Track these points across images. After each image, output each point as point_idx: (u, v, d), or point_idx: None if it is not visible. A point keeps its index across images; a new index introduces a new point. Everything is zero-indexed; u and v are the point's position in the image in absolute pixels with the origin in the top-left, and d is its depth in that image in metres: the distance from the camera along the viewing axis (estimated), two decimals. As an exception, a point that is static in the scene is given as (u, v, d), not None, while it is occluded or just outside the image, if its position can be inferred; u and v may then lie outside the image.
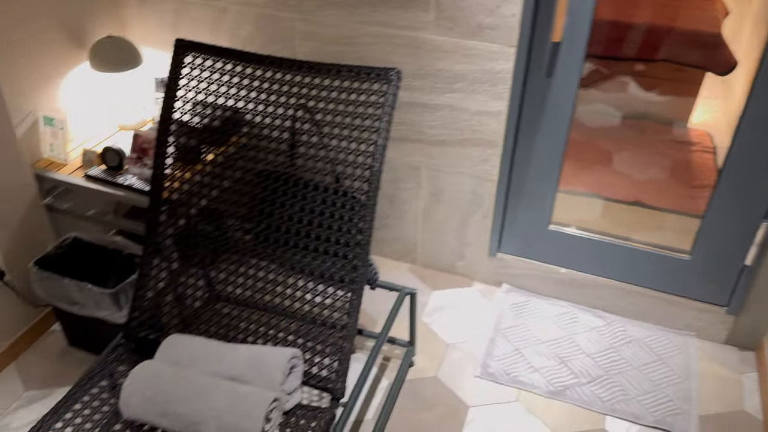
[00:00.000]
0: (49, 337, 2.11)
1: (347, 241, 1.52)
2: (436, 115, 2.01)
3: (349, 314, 1.53)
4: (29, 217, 1.98)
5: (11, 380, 1.96)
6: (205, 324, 1.64)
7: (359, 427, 1.82)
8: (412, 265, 2.42)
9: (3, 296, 1.95)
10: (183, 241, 1.68)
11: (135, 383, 1.42)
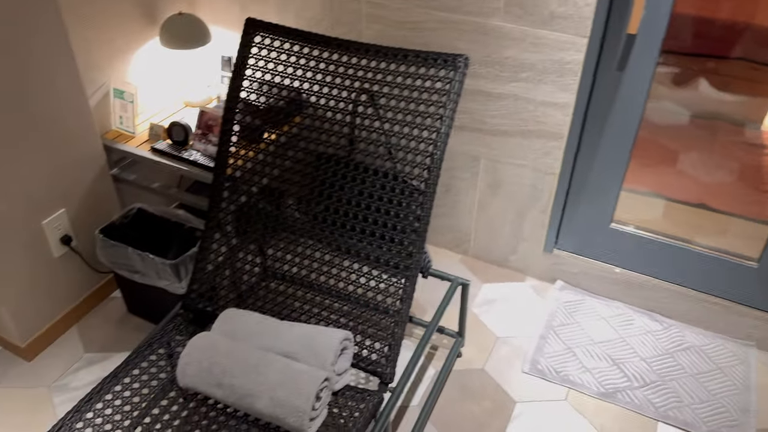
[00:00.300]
0: (109, 303, 2.20)
1: (404, 228, 1.52)
2: (499, 104, 1.98)
3: (402, 300, 1.53)
4: (97, 187, 2.06)
5: (72, 342, 2.05)
6: (260, 300, 1.67)
7: (404, 412, 1.83)
8: (463, 255, 2.40)
9: (69, 261, 2.03)
10: (241, 218, 1.71)
11: (192, 353, 1.46)
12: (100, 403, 1.43)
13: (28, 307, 1.93)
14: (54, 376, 1.93)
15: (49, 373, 1.94)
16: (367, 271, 1.59)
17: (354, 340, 1.55)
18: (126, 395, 1.46)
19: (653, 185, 2.59)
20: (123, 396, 1.45)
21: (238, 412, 1.44)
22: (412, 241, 1.51)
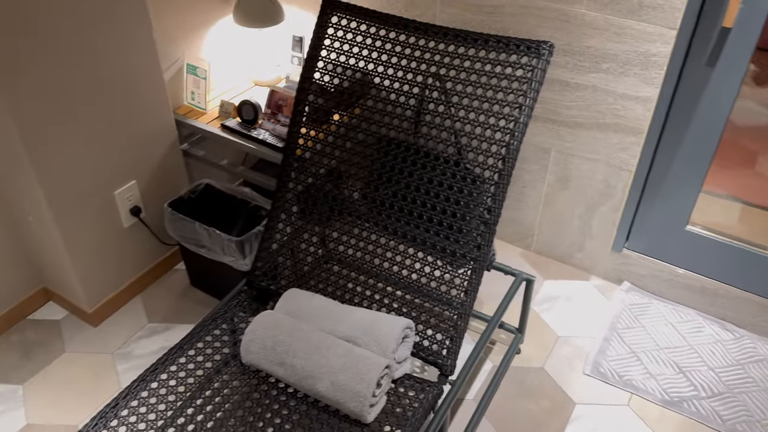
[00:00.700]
0: (173, 274, 2.24)
1: (473, 219, 1.48)
2: (576, 95, 1.91)
3: (467, 293, 1.50)
4: (167, 161, 2.09)
5: (136, 311, 2.10)
6: (322, 282, 1.66)
7: (459, 405, 1.80)
8: (525, 250, 2.34)
9: (137, 232, 2.08)
10: (307, 199, 1.70)
11: (256, 331, 1.47)
12: (165, 374, 1.46)
13: (96, 274, 1.99)
14: (118, 344, 1.99)
15: (113, 340, 2.00)
16: (432, 261, 1.56)
17: (415, 330, 1.53)
18: (190, 368, 1.48)
19: (731, 188, 2.46)
20: (187, 368, 1.48)
21: (298, 392, 1.44)
22: (481, 233, 1.48)
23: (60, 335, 2.01)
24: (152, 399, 1.40)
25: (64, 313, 2.08)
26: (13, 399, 1.81)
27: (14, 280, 2.00)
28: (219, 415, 1.39)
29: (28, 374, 1.88)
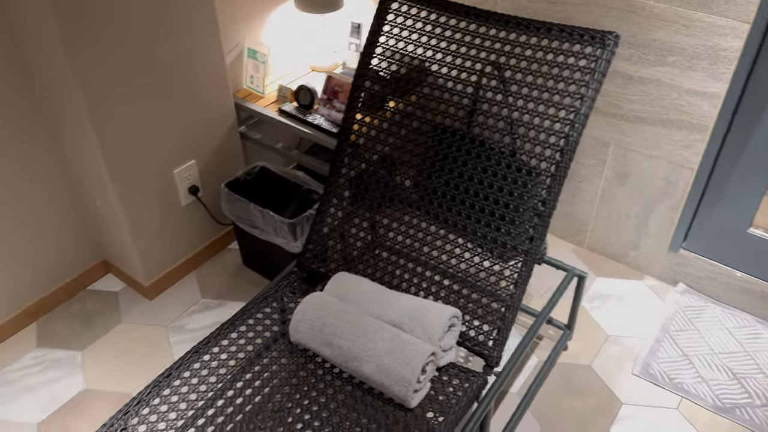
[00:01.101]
0: (227, 254, 2.30)
1: (526, 210, 1.46)
2: (640, 88, 1.85)
3: (516, 285, 1.49)
4: (225, 142, 2.14)
5: (191, 287, 2.17)
6: (370, 267, 1.68)
7: (503, 398, 1.79)
8: (578, 246, 2.30)
9: (194, 210, 2.14)
10: (359, 185, 1.72)
11: (305, 311, 1.49)
12: (217, 347, 1.50)
13: (154, 249, 2.06)
14: (172, 317, 2.06)
15: (167, 313, 2.07)
16: (482, 252, 1.55)
17: (462, 319, 1.53)
18: (240, 343, 1.52)
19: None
20: (237, 343, 1.52)
21: (344, 373, 1.46)
22: (534, 225, 1.46)
23: (117, 306, 2.09)
24: (203, 371, 1.45)
25: (122, 285, 2.17)
26: (73, 365, 1.90)
27: (76, 252, 2.09)
28: (266, 391, 1.43)
29: (86, 342, 1.97)
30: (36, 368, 1.88)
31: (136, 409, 1.35)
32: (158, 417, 1.35)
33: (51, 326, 2.01)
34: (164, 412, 1.36)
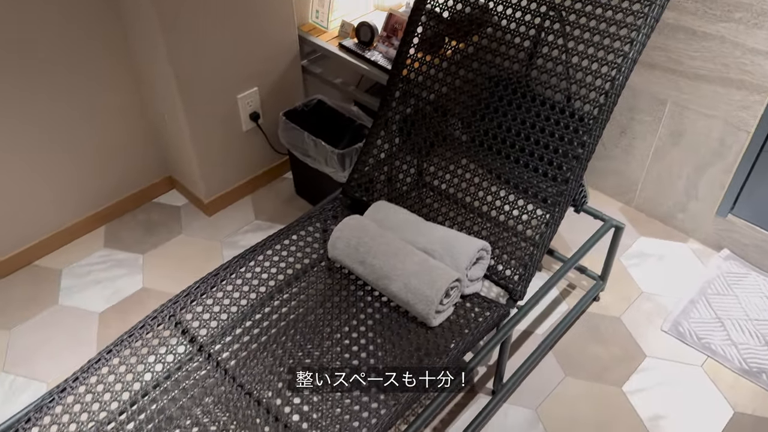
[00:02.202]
0: (281, 182, 2.43)
1: (566, 152, 1.49)
2: (702, 45, 1.81)
3: (548, 224, 1.53)
4: (287, 74, 2.24)
5: (246, 208, 2.31)
6: (410, 200, 1.75)
7: (527, 337, 1.85)
8: (625, 205, 2.29)
9: (253, 137, 2.27)
10: (407, 123, 1.78)
11: (343, 230, 1.59)
12: (262, 255, 1.63)
13: (215, 170, 2.20)
14: (227, 233, 2.21)
15: (223, 230, 2.22)
16: (519, 191, 1.60)
17: (491, 254, 1.59)
18: (283, 254, 1.64)
19: None
20: (281, 254, 1.64)
21: (374, 291, 1.56)
22: (571, 167, 1.49)
23: (179, 219, 2.26)
24: (248, 275, 1.58)
25: (184, 201, 2.33)
26: (134, 265, 2.08)
27: (145, 166, 2.26)
28: (302, 298, 1.55)
29: (148, 247, 2.15)
30: (102, 266, 2.08)
31: (185, 300, 1.50)
32: (204, 309, 1.49)
33: (117, 231, 2.21)
34: (210, 305, 1.50)
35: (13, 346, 1.84)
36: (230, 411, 1.32)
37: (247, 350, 1.42)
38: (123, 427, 1.28)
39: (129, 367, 1.36)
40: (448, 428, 1.63)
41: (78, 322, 1.90)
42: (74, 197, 2.11)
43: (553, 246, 2.04)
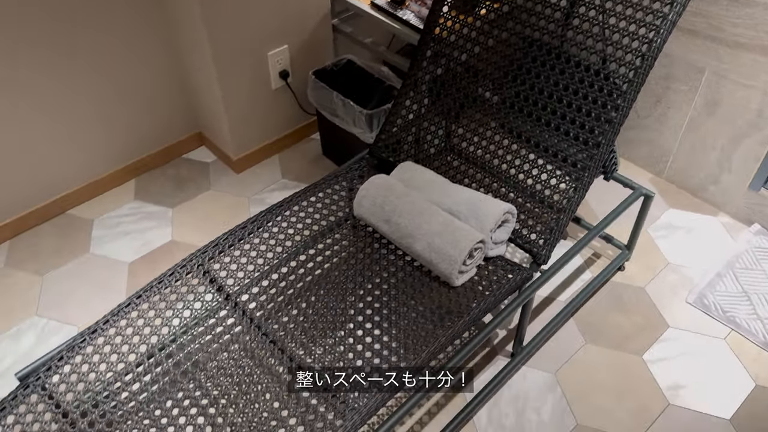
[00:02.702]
0: (308, 143, 2.44)
1: (598, 116, 1.47)
2: (746, 11, 1.75)
3: (576, 189, 1.52)
4: (318, 32, 2.23)
5: (273, 167, 2.33)
6: (437, 162, 1.75)
7: (549, 304, 1.86)
8: (655, 176, 2.26)
9: (283, 95, 2.27)
10: (437, 84, 1.76)
11: (369, 189, 1.60)
12: (288, 211, 1.65)
13: (244, 128, 2.21)
14: (254, 191, 2.23)
15: (251, 187, 2.25)
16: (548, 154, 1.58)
17: (517, 218, 1.59)
18: (309, 211, 1.66)
19: None
20: (307, 211, 1.65)
21: (398, 250, 1.57)
22: (603, 130, 1.47)
23: (207, 176, 2.29)
24: (274, 229, 1.60)
25: (213, 158, 2.36)
26: (164, 218, 2.12)
27: (176, 122, 2.28)
28: (327, 254, 1.57)
29: (177, 201, 2.18)
30: (132, 217, 2.12)
31: (213, 251, 1.53)
32: (231, 260, 1.52)
33: (147, 184, 2.24)
34: (237, 256, 1.53)
35: (45, 291, 1.90)
36: (255, 358, 1.35)
37: (273, 302, 1.45)
38: (152, 370, 1.33)
39: (158, 312, 1.40)
40: (466, 386, 1.65)
41: (108, 270, 1.95)
42: (106, 150, 2.15)
43: (579, 214, 2.02)
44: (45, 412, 1.27)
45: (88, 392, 1.29)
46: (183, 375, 1.32)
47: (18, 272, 1.95)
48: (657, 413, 1.60)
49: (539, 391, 1.65)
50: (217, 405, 1.27)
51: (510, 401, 1.63)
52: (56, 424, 1.25)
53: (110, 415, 1.27)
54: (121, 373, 1.32)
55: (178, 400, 1.28)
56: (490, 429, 1.57)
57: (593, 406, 1.62)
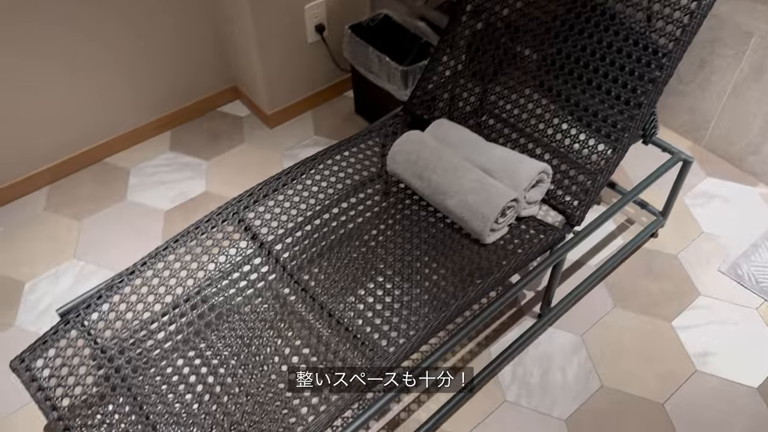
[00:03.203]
0: (341, 100, 2.43)
1: (641, 74, 1.43)
2: (802, -28, 1.68)
3: (615, 150, 1.49)
4: (355, -14, 2.21)
5: (306, 123, 2.33)
6: (471, 119, 1.73)
7: (579, 268, 1.85)
8: (694, 143, 2.21)
9: (318, 50, 2.26)
10: (475, 42, 1.73)
11: (403, 144, 1.60)
12: (322, 164, 1.66)
13: (279, 82, 2.21)
14: (287, 146, 2.24)
15: (283, 142, 2.26)
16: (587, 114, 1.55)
17: (552, 178, 1.57)
18: (343, 165, 1.66)
19: None
20: (340, 165, 1.66)
21: (430, 206, 1.58)
22: (646, 90, 1.43)
23: (241, 129, 2.30)
24: (308, 181, 1.61)
25: (247, 112, 2.37)
26: (198, 170, 2.15)
27: (211, 74, 2.29)
28: (360, 209, 1.58)
29: (211, 154, 2.21)
30: (168, 168, 2.16)
31: (248, 200, 1.55)
32: (265, 209, 1.54)
33: (183, 136, 2.27)
34: (271, 206, 1.55)
35: (83, 236, 1.95)
36: (287, 305, 1.38)
37: (305, 252, 1.47)
38: (188, 312, 1.36)
39: (194, 256, 1.43)
40: (492, 344, 1.66)
41: (144, 218, 1.99)
42: (142, 101, 2.17)
43: (614, 179, 1.99)
44: (84, 347, 1.32)
45: (126, 330, 1.34)
46: (218, 318, 1.35)
47: (57, 216, 2.01)
48: (684, 378, 1.59)
49: (565, 352, 1.65)
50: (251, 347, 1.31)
51: (535, 360, 1.64)
52: (95, 360, 1.30)
53: (147, 352, 1.31)
54: (159, 313, 1.36)
55: (212, 341, 1.32)
56: (513, 386, 1.59)
57: (619, 369, 1.62)
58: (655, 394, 1.57)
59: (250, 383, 1.25)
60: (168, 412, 1.22)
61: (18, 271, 1.86)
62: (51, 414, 1.22)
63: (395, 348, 1.26)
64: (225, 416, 1.21)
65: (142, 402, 1.24)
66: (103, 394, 1.26)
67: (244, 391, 1.24)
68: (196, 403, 1.24)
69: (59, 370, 1.28)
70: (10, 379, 1.57)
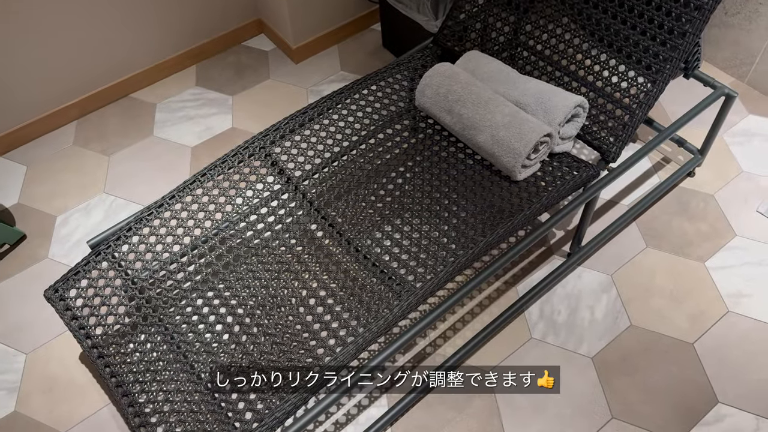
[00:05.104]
0: (368, 34, 2.36)
1: (687, 1, 1.35)
2: None
3: (655, 83, 1.43)
4: None
5: (332, 58, 2.28)
6: (504, 52, 1.66)
7: (611, 207, 1.80)
8: (737, 80, 2.10)
9: (345, -20, 2.18)
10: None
11: (433, 77, 1.54)
12: (349, 99, 1.62)
13: (304, 15, 2.15)
14: (313, 81, 2.20)
15: (309, 77, 2.21)
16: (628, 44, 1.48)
17: (588, 113, 1.51)
18: (370, 99, 1.62)
19: None
20: (368, 99, 1.62)
21: (459, 142, 1.54)
22: (690, 18, 1.35)
23: (267, 64, 2.26)
24: (334, 116, 1.58)
25: (272, 46, 2.32)
26: (225, 105, 2.13)
27: (236, 7, 2.23)
28: (388, 145, 1.55)
29: (237, 89, 2.18)
30: (194, 103, 2.14)
31: (274, 135, 1.53)
32: (292, 144, 1.52)
33: (208, 71, 2.24)
34: (298, 141, 1.53)
35: (111, 170, 1.96)
36: (314, 239, 1.38)
37: (333, 188, 1.45)
38: (216, 245, 1.37)
39: (222, 190, 1.42)
40: (519, 283, 1.65)
41: (171, 153, 1.99)
42: (167, 35, 2.13)
43: (651, 116, 1.92)
44: (115, 278, 1.34)
45: (156, 262, 1.35)
46: (247, 251, 1.36)
47: (86, 151, 2.01)
48: (715, 319, 1.57)
49: (594, 291, 1.64)
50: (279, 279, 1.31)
51: (563, 299, 1.63)
52: (126, 291, 1.33)
53: (178, 284, 1.33)
54: (188, 246, 1.37)
55: (241, 274, 1.33)
56: (540, 324, 1.59)
57: (649, 308, 1.60)
58: (685, 334, 1.55)
59: (271, 317, 1.27)
60: (199, 341, 1.24)
61: (49, 205, 1.88)
62: (85, 342, 1.25)
63: (422, 283, 1.26)
64: (254, 346, 1.23)
65: (173, 332, 1.26)
66: (135, 323, 1.28)
67: (266, 321, 1.26)
68: (226, 333, 1.26)
69: (92, 300, 1.31)
70: (45, 310, 1.61)
